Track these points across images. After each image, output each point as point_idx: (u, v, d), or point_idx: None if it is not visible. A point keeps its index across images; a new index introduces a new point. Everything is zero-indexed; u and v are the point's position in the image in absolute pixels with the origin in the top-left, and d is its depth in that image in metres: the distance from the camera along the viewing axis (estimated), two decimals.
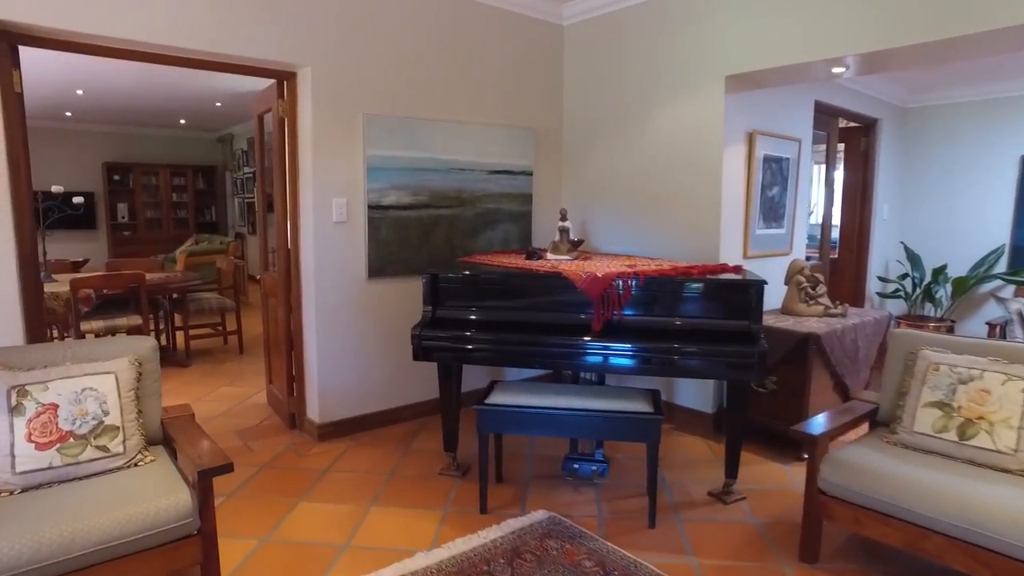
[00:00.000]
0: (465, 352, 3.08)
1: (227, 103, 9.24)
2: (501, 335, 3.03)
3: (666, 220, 4.22)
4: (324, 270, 3.83)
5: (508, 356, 3.01)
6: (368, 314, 4.04)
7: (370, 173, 3.90)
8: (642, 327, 3.00)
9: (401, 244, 4.10)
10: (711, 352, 2.84)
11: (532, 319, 3.11)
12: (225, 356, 6.17)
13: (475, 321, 3.16)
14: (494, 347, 3.01)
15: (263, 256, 4.48)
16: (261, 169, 4.38)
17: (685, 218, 4.11)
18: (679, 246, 4.15)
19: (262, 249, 4.48)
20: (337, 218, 3.83)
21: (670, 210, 4.20)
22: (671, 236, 4.20)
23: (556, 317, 3.09)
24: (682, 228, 4.14)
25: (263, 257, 4.48)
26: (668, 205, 4.21)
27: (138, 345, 2.68)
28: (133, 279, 5.14)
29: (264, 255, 4.46)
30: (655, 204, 4.29)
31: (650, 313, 3.01)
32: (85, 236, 12.00)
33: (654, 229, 4.30)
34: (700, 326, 2.96)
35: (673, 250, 4.17)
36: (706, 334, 2.93)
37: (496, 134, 4.46)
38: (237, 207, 12.60)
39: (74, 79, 7.80)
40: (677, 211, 4.15)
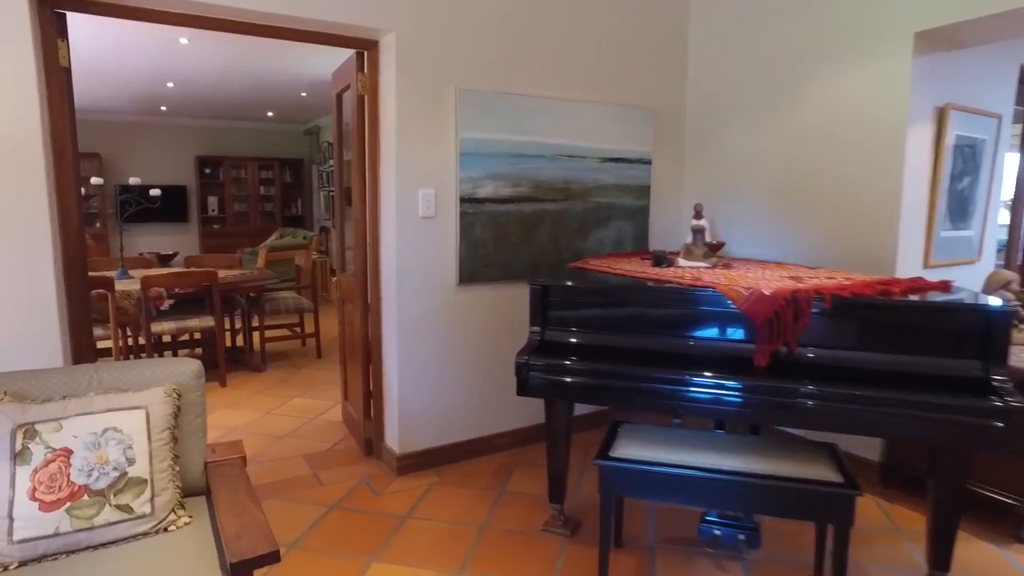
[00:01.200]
0: (587, 391, 2.40)
1: (312, 92, 8.91)
2: (632, 369, 2.32)
3: (822, 219, 3.40)
4: (407, 273, 3.23)
5: (644, 398, 2.30)
6: (457, 326, 3.42)
7: (463, 160, 3.28)
8: (821, 365, 2.23)
9: (498, 244, 3.46)
10: (931, 406, 2.04)
11: (669, 347, 2.39)
12: (302, 361, 5.74)
13: (597, 348, 2.47)
14: (625, 386, 2.31)
15: (340, 255, 3.95)
16: (339, 155, 3.85)
17: (849, 216, 3.28)
18: (841, 251, 3.32)
19: (339, 247, 3.95)
20: (424, 212, 3.23)
21: (827, 206, 3.37)
22: (830, 239, 3.37)
23: (702, 347, 2.36)
24: (845, 229, 3.30)
25: (340, 256, 3.95)
26: (824, 200, 3.38)
27: (178, 371, 2.14)
28: (205, 277, 4.74)
29: (341, 254, 3.93)
30: (806, 199, 3.47)
31: (834, 345, 2.24)
32: (177, 229, 12.08)
33: (805, 230, 3.49)
34: (906, 366, 2.16)
35: (832, 256, 3.35)
36: (915, 378, 2.13)
37: (610, 115, 3.75)
38: (323, 200, 12.40)
39: (164, 71, 7.63)
40: (838, 207, 3.32)
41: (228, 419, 4.21)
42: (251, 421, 4.17)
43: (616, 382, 2.31)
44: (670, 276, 2.58)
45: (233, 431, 3.99)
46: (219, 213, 12.25)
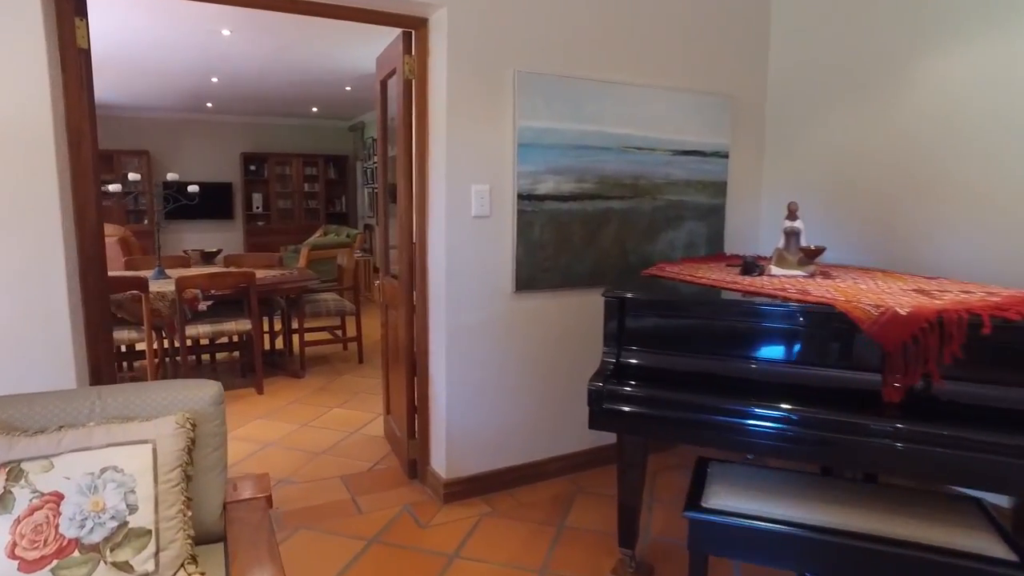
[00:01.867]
0: (678, 429, 2.01)
1: (357, 86, 8.67)
2: (729, 403, 1.92)
3: (949, 221, 2.93)
4: (458, 279, 2.89)
5: (749, 439, 1.90)
6: (512, 338, 3.06)
7: (521, 152, 2.92)
8: (966, 402, 1.80)
9: (559, 247, 3.09)
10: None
11: (774, 376, 1.99)
12: (343, 366, 5.46)
13: (686, 375, 2.08)
14: (724, 423, 1.91)
15: (384, 255, 3.62)
16: (383, 148, 3.52)
17: (988, 218, 2.81)
18: (974, 260, 2.85)
19: (382, 246, 3.62)
20: (477, 211, 2.87)
21: (956, 206, 2.90)
22: (960, 245, 2.90)
23: (816, 377, 1.95)
24: (985, 233, 2.83)
25: (384, 256, 3.62)
26: (952, 198, 2.91)
27: (194, 395, 1.83)
28: (242, 279, 4.49)
29: (385, 254, 3.61)
30: (924, 197, 3.01)
31: (987, 379, 1.80)
32: (222, 226, 12.03)
33: (922, 234, 3.02)
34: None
35: (960, 265, 2.88)
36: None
37: (684, 103, 3.34)
38: (367, 197, 12.20)
39: (208, 65, 7.47)
40: (972, 207, 2.85)
41: (263, 431, 3.93)
42: (287, 434, 3.89)
43: (714, 418, 1.91)
44: (772, 289, 2.17)
45: (267, 445, 3.71)
46: (263, 210, 12.16)
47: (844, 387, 1.90)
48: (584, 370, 3.27)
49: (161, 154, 11.48)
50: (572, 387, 3.26)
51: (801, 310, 1.96)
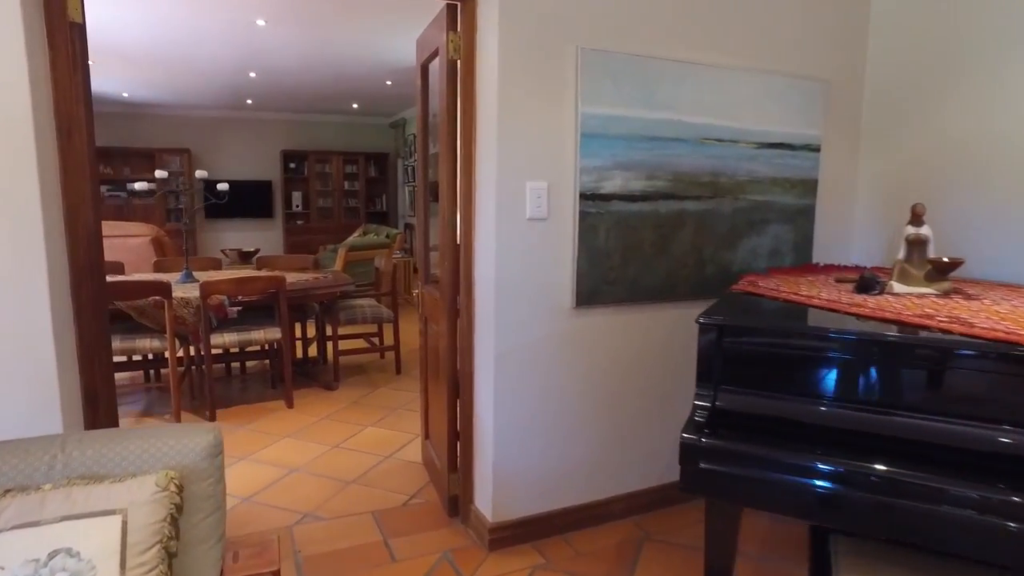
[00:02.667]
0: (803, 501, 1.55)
1: (397, 81, 8.34)
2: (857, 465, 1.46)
3: None
4: (509, 292, 2.47)
5: (923, 531, 1.43)
6: (571, 361, 2.63)
7: (585, 143, 2.48)
8: None
9: (626, 255, 2.64)
10: None
11: (915, 431, 1.51)
12: (379, 377, 5.10)
13: (805, 427, 1.61)
14: (878, 502, 1.44)
15: (423, 262, 3.23)
16: (424, 140, 3.11)
17: None
18: None
19: (422, 248, 3.22)
20: (532, 213, 2.45)
21: None
22: None
23: (970, 437, 1.47)
24: None
25: (424, 260, 3.23)
26: None
27: (184, 446, 1.45)
28: (271, 284, 4.15)
29: (424, 261, 3.21)
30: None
31: None
32: (262, 225, 11.87)
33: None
34: None
35: None
36: None
37: (771, 88, 2.86)
38: (407, 196, 11.90)
39: (245, 59, 7.22)
40: None
41: (289, 454, 3.58)
42: (315, 457, 3.53)
43: (865, 496, 1.44)
44: (913, 316, 1.69)
45: (293, 471, 3.35)
46: (303, 209, 11.96)
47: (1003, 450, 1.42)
48: (653, 398, 2.83)
49: (202, 152, 11.35)
50: (639, 417, 2.82)
51: (973, 347, 1.49)
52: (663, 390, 2.85)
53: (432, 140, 3.26)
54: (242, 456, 3.54)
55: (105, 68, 7.72)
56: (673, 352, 2.83)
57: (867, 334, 1.61)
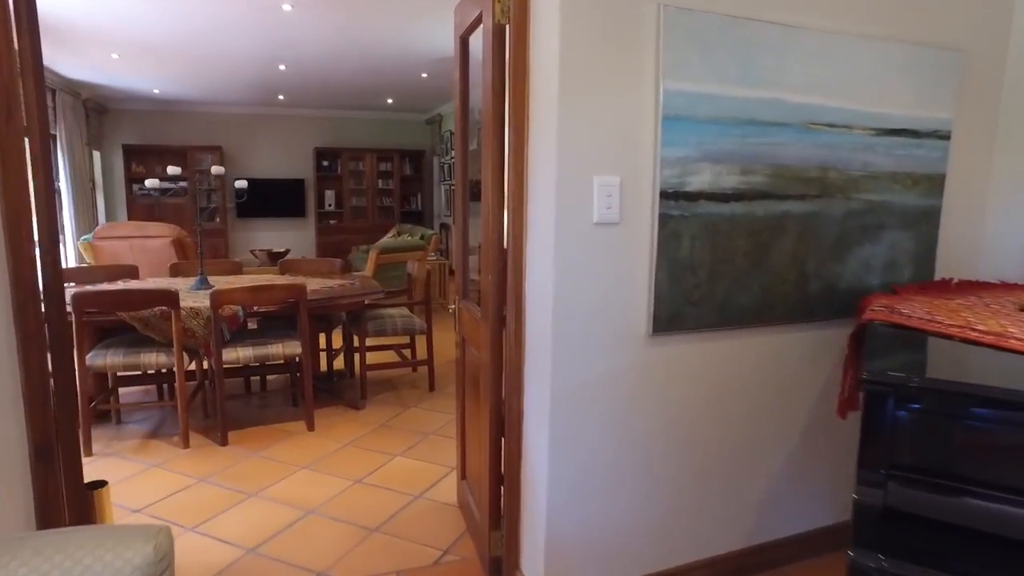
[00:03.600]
0: None
1: (433, 73, 7.89)
2: None
3: None
4: (570, 315, 1.96)
5: None
6: (646, 400, 2.11)
7: (667, 128, 1.96)
8: None
9: (715, 269, 2.11)
10: None
11: None
12: (410, 394, 4.63)
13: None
14: None
15: (461, 273, 2.73)
16: (463, 128, 2.61)
17: None
18: None
19: (459, 263, 2.73)
20: (601, 216, 1.93)
21: None
22: None
23: None
24: None
25: (461, 275, 2.73)
26: None
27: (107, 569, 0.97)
28: (290, 293, 3.71)
29: (462, 271, 2.72)
30: None
31: None
32: (294, 224, 11.57)
33: None
34: None
35: None
36: None
37: (894, 58, 2.29)
38: (444, 194, 11.47)
39: (273, 50, 6.85)
40: None
41: (305, 490, 3.12)
42: (335, 495, 3.07)
43: None
44: None
45: (308, 513, 2.89)
46: (336, 208, 11.62)
47: None
48: (740, 445, 2.29)
49: (234, 150, 11.09)
50: (724, 467, 2.29)
51: None
52: (753, 435, 2.31)
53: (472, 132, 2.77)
54: (252, 492, 3.10)
55: (132, 63, 7.42)
56: (767, 388, 2.29)
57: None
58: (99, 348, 3.62)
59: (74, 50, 6.89)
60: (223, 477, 3.27)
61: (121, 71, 7.96)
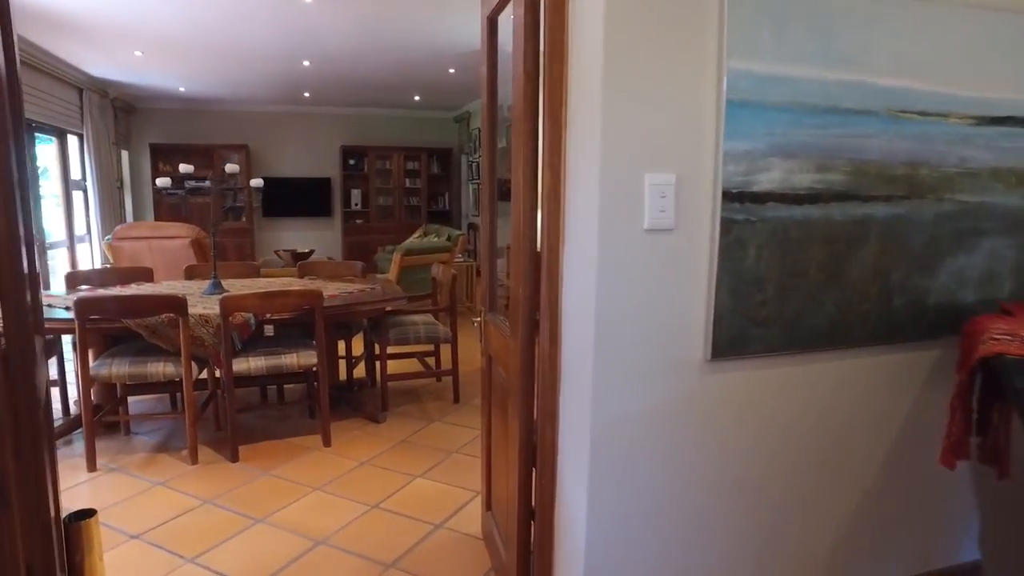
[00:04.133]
0: None
1: (461, 68, 7.62)
2: None
3: None
4: (615, 336, 1.66)
5: None
6: (703, 436, 1.80)
7: (732, 117, 1.65)
8: None
9: (785, 283, 1.79)
10: None
11: None
12: (434, 406, 4.37)
13: None
14: None
15: (487, 283, 2.44)
16: (491, 120, 2.32)
17: None
18: None
19: (487, 272, 2.44)
20: (653, 221, 1.63)
21: None
22: None
23: None
24: None
25: (487, 286, 2.45)
26: None
27: None
28: (305, 300, 3.46)
29: (489, 282, 2.43)
30: None
31: None
32: (320, 224, 11.42)
33: None
34: None
35: None
36: None
37: (998, 31, 1.95)
38: (471, 194, 11.23)
39: (296, 45, 6.66)
40: None
41: (317, 516, 2.87)
42: (349, 523, 2.81)
43: None
44: None
45: (318, 544, 2.63)
46: (362, 207, 11.44)
47: None
48: (810, 487, 1.96)
49: (261, 149, 10.97)
50: (790, 512, 1.96)
51: None
52: (826, 477, 1.98)
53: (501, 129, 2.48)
54: (260, 516, 2.85)
55: (155, 60, 7.29)
56: (843, 422, 1.96)
57: None
58: (105, 357, 3.41)
59: (98, 47, 6.77)
60: (230, 499, 3.03)
61: (145, 68, 7.84)
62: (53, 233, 8.36)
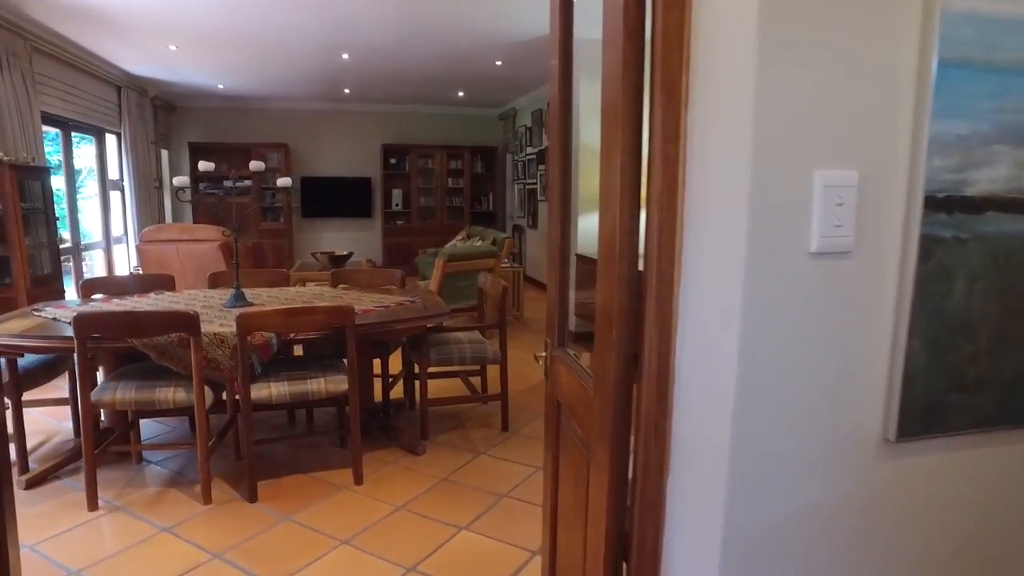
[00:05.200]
0: None
1: (509, 60, 7.14)
2: None
3: None
4: (761, 407, 1.13)
5: None
6: (882, 549, 1.25)
7: (943, 82, 1.10)
8: None
9: (1006, 329, 1.23)
10: None
11: None
12: (479, 434, 3.88)
13: None
14: None
15: (555, 312, 1.93)
16: (563, 96, 1.79)
17: None
18: None
19: (554, 295, 1.93)
20: (822, 241, 1.09)
21: None
22: None
23: None
24: None
25: (554, 313, 1.93)
26: None
27: None
28: (334, 317, 3.00)
29: (558, 308, 1.91)
30: None
31: None
32: (361, 225, 11.08)
33: None
34: None
35: None
36: None
37: None
38: (517, 195, 10.74)
39: (336, 39, 6.26)
40: None
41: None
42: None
43: None
44: None
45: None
46: (403, 208, 11.05)
47: None
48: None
49: (300, 147, 10.68)
50: None
51: None
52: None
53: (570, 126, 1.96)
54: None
55: (190, 54, 6.98)
56: None
57: None
58: (110, 379, 3.01)
59: (131, 42, 6.48)
60: (243, 552, 2.58)
61: (181, 64, 7.56)
62: (91, 234, 8.17)
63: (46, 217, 5.59)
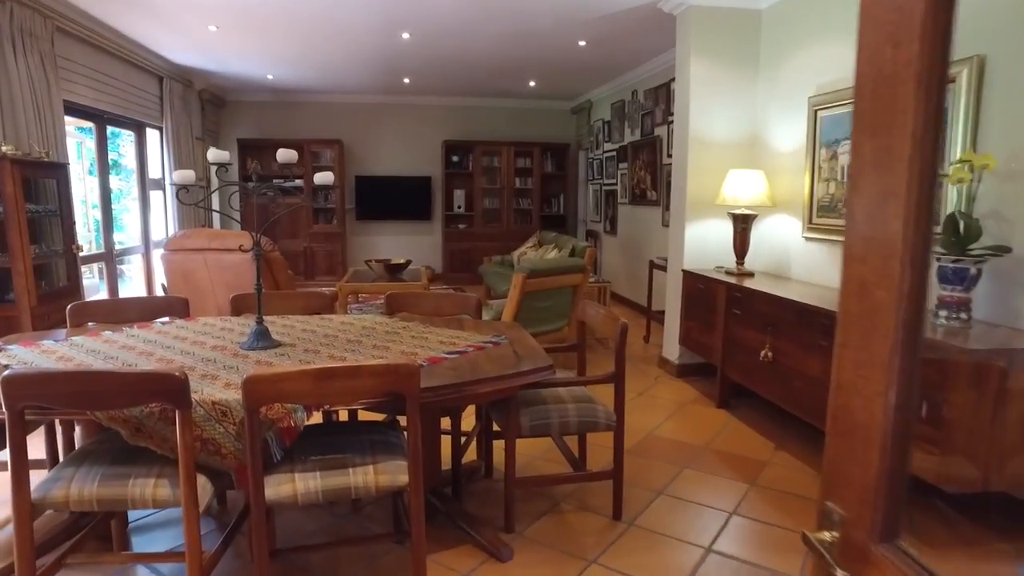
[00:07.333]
0: None
1: (594, 40, 6.05)
2: None
3: None
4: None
5: None
6: None
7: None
8: None
9: None
10: None
11: None
12: (582, 522, 2.81)
13: None
14: None
15: (850, 445, 0.88)
16: None
17: None
18: None
19: (882, 414, 0.88)
20: None
21: None
22: None
23: None
24: None
25: (842, 461, 0.88)
26: None
27: None
28: (389, 382, 1.98)
29: (886, 444, 0.86)
30: None
31: None
32: (419, 228, 10.17)
33: None
34: None
35: None
36: None
37: None
38: (591, 196, 9.65)
39: (396, 12, 5.30)
40: None
41: None
42: None
43: None
44: None
45: None
46: (465, 210, 10.08)
47: None
48: None
49: (355, 144, 9.84)
50: None
51: None
52: None
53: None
54: None
55: (233, 36, 6.15)
56: None
57: None
58: (65, 464, 2.08)
59: (165, 20, 5.68)
60: None
61: (224, 49, 6.76)
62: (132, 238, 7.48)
63: (62, 221, 4.80)
